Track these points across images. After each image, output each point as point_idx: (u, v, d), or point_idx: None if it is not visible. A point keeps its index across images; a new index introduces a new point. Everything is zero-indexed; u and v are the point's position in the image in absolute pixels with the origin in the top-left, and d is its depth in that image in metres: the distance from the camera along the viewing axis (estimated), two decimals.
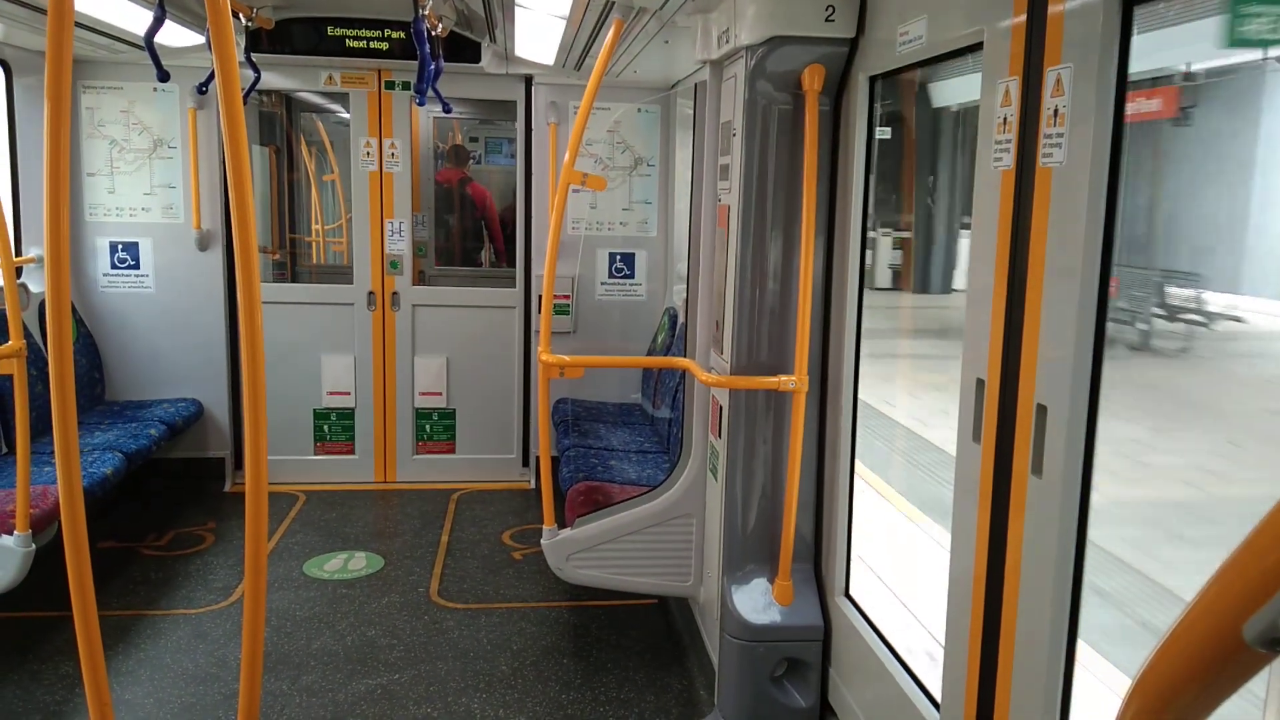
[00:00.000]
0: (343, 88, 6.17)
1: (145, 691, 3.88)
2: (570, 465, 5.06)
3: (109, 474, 4.79)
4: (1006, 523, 2.30)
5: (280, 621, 4.50)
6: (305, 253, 8.43)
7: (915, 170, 16.93)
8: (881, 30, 3.06)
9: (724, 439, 3.63)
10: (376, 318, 6.37)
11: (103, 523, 5.63)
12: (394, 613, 4.65)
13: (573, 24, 4.42)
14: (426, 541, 5.55)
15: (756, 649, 3.53)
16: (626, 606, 4.77)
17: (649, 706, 3.92)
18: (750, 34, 3.24)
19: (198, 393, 6.25)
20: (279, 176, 7.76)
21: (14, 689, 3.87)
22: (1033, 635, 2.20)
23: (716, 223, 3.76)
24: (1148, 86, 11.84)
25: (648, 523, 4.01)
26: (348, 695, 3.91)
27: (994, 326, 2.35)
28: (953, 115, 16.14)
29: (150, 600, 4.70)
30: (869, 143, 3.26)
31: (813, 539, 3.63)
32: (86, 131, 5.96)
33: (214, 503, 6.09)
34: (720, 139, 3.72)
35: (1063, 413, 2.08)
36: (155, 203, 6.07)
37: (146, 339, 6.18)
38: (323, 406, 6.45)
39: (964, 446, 2.51)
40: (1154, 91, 11.90)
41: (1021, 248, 2.23)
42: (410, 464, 6.58)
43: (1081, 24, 2.02)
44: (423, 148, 8.01)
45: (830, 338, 3.49)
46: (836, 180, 3.39)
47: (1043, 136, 2.14)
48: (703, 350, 3.95)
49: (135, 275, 6.13)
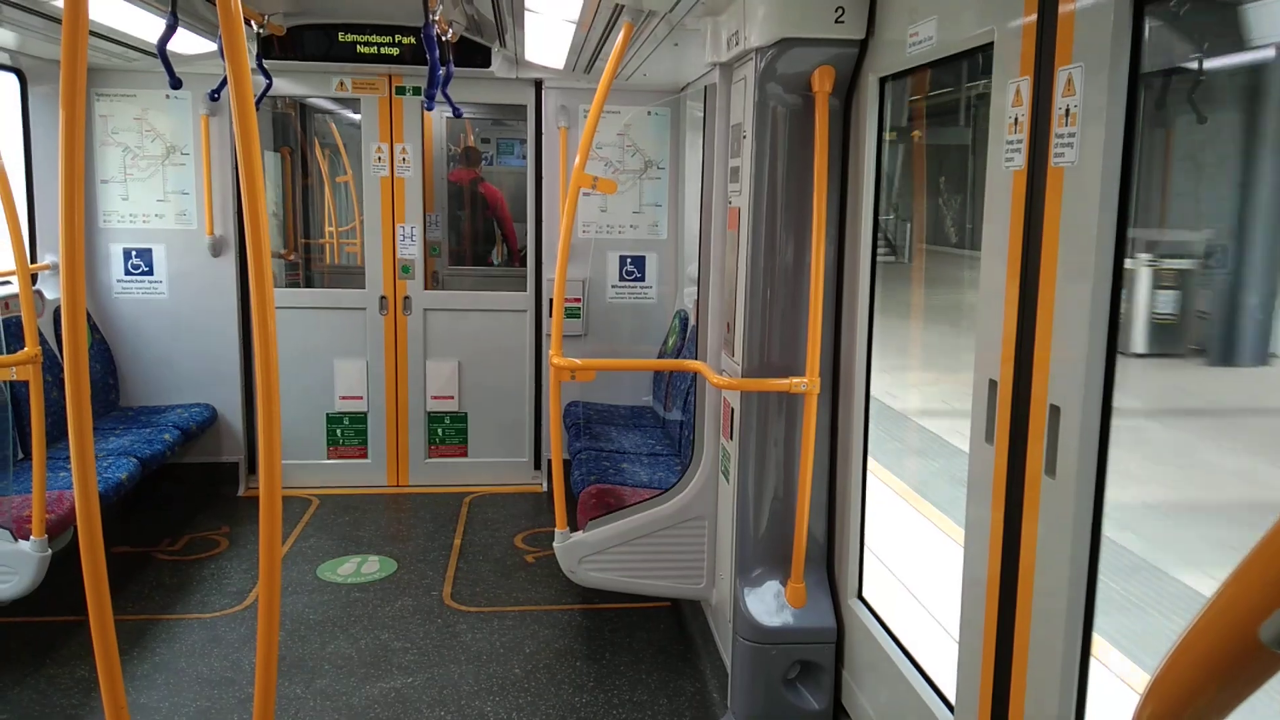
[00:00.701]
0: (354, 93, 6.20)
1: (161, 696, 3.90)
2: (582, 468, 5.06)
3: (124, 479, 4.82)
4: (1020, 524, 2.29)
5: (294, 625, 4.52)
6: (319, 255, 8.47)
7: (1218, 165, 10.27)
8: (891, 31, 3.05)
9: (736, 441, 3.63)
10: (388, 322, 6.39)
11: (118, 527, 5.66)
12: (407, 616, 4.66)
13: (582, 27, 4.43)
14: (439, 545, 5.57)
15: (769, 651, 3.52)
16: (639, 609, 4.77)
17: (662, 709, 3.91)
18: (760, 36, 3.24)
19: (212, 398, 6.29)
20: (293, 179, 7.79)
21: (31, 693, 3.90)
22: (1047, 636, 2.19)
23: (727, 225, 3.76)
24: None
25: (660, 525, 4.01)
26: (362, 699, 3.92)
27: (1006, 327, 2.34)
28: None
29: (165, 605, 4.72)
30: (879, 144, 3.25)
31: (825, 541, 3.62)
32: (100, 139, 6.00)
33: (228, 507, 6.12)
34: (730, 141, 3.72)
35: (1076, 413, 2.07)
36: (168, 209, 6.11)
37: (160, 345, 6.21)
38: (336, 411, 6.47)
39: (977, 447, 2.50)
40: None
41: (1033, 248, 2.22)
42: (423, 468, 6.59)
43: (1092, 23, 2.01)
44: (435, 150, 8.04)
45: (841, 339, 3.49)
46: (847, 182, 3.39)
47: (1054, 136, 2.14)
48: (714, 352, 3.95)
49: (149, 281, 6.17)
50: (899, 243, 20.15)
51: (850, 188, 3.38)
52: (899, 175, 19.15)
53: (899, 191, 20.14)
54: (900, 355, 11.24)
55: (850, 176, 3.37)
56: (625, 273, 6.49)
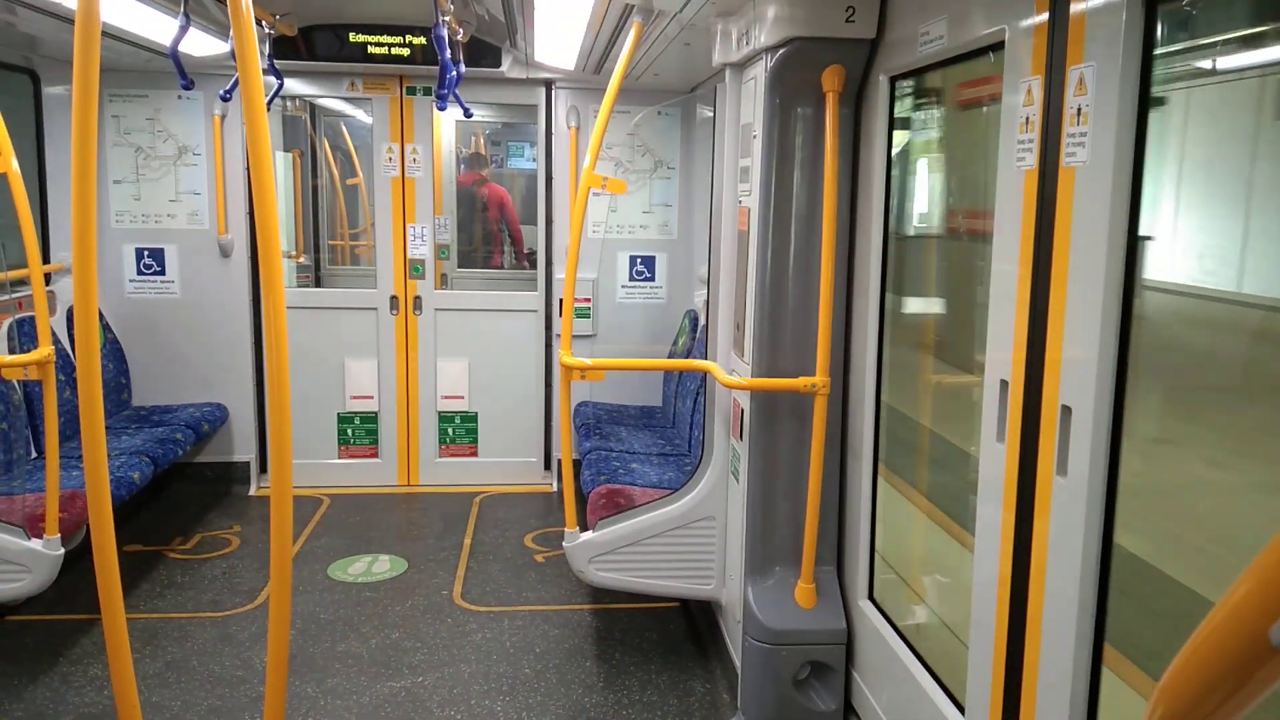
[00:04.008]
0: (365, 94, 6.22)
1: (173, 694, 3.92)
2: (592, 468, 5.06)
3: (136, 478, 4.84)
4: (1031, 524, 2.29)
5: (305, 624, 4.54)
6: (330, 255, 8.50)
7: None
8: (902, 30, 3.04)
9: (745, 441, 3.62)
10: (399, 322, 6.40)
11: (129, 526, 5.69)
12: (417, 615, 4.67)
13: (593, 28, 4.43)
14: (449, 544, 5.58)
15: (779, 652, 3.51)
16: (648, 609, 4.77)
17: (671, 709, 3.91)
18: (770, 36, 3.23)
19: (223, 397, 6.31)
20: (303, 181, 7.82)
21: (44, 690, 3.92)
22: (1059, 637, 2.18)
23: (737, 225, 3.75)
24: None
25: (669, 525, 4.01)
26: (372, 698, 3.93)
27: (1018, 327, 2.34)
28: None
29: (177, 603, 4.75)
30: (889, 143, 3.25)
31: (835, 542, 3.62)
32: (113, 139, 6.04)
33: (239, 506, 6.14)
34: (740, 141, 3.72)
35: (1087, 413, 2.06)
36: (180, 209, 6.13)
37: (172, 344, 6.24)
38: (346, 410, 6.49)
39: (988, 447, 2.49)
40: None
41: (1045, 248, 2.21)
42: (433, 467, 6.61)
43: (1104, 22, 2.00)
44: (445, 152, 8.06)
45: (852, 339, 3.48)
46: (857, 181, 3.38)
47: (1066, 136, 2.13)
48: (724, 352, 3.94)
49: (161, 281, 6.20)
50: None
51: (860, 187, 3.37)
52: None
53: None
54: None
55: (860, 176, 3.37)
56: (635, 273, 6.49)
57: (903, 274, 3.44)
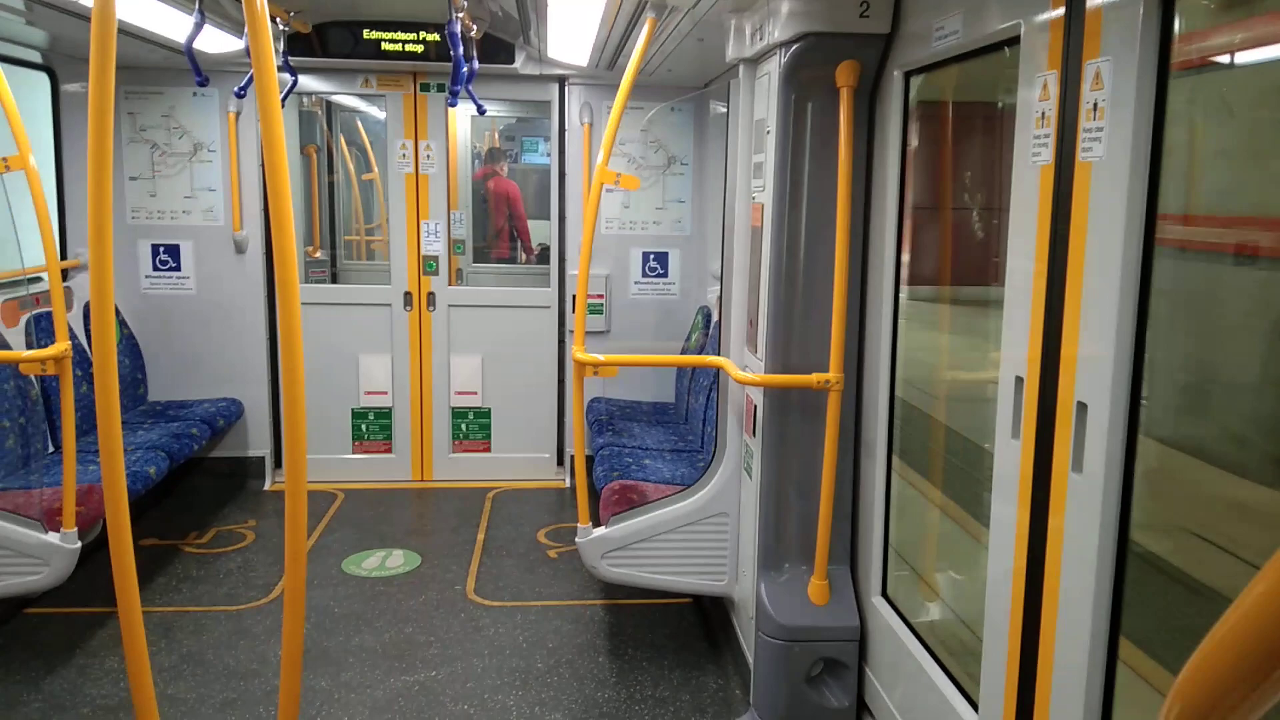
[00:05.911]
0: (379, 90, 6.23)
1: (188, 687, 3.95)
2: (605, 464, 5.07)
3: (152, 473, 4.87)
4: (1046, 520, 2.28)
5: (319, 618, 4.56)
6: (346, 251, 8.53)
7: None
8: (916, 25, 3.03)
9: (759, 438, 3.62)
10: (413, 318, 6.42)
11: (145, 520, 5.73)
12: (431, 610, 4.68)
13: (606, 24, 4.43)
14: (463, 539, 5.59)
15: (792, 649, 3.51)
16: (661, 605, 4.77)
17: (684, 705, 3.92)
18: (784, 31, 3.22)
19: (238, 393, 6.35)
20: (319, 176, 7.84)
21: (61, 682, 3.96)
22: (1073, 635, 2.17)
23: (750, 221, 3.74)
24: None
25: (682, 522, 4.01)
26: (386, 692, 3.95)
27: (1033, 323, 2.32)
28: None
29: (192, 597, 4.78)
30: (904, 139, 3.23)
31: (849, 538, 3.61)
32: (128, 136, 6.07)
33: (254, 501, 6.18)
34: (754, 137, 3.71)
35: (1103, 410, 2.05)
36: (195, 205, 6.17)
37: (188, 340, 6.28)
38: (361, 406, 6.51)
39: (1003, 443, 2.48)
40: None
41: (1061, 244, 2.20)
42: (447, 463, 6.62)
43: (1121, 16, 1.99)
44: (460, 148, 8.07)
45: (866, 335, 3.47)
46: (871, 177, 3.37)
47: (1082, 131, 2.11)
48: (737, 349, 3.94)
49: (176, 277, 6.23)
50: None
51: (874, 183, 3.36)
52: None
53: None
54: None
55: (874, 171, 3.35)
56: (648, 269, 6.49)
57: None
